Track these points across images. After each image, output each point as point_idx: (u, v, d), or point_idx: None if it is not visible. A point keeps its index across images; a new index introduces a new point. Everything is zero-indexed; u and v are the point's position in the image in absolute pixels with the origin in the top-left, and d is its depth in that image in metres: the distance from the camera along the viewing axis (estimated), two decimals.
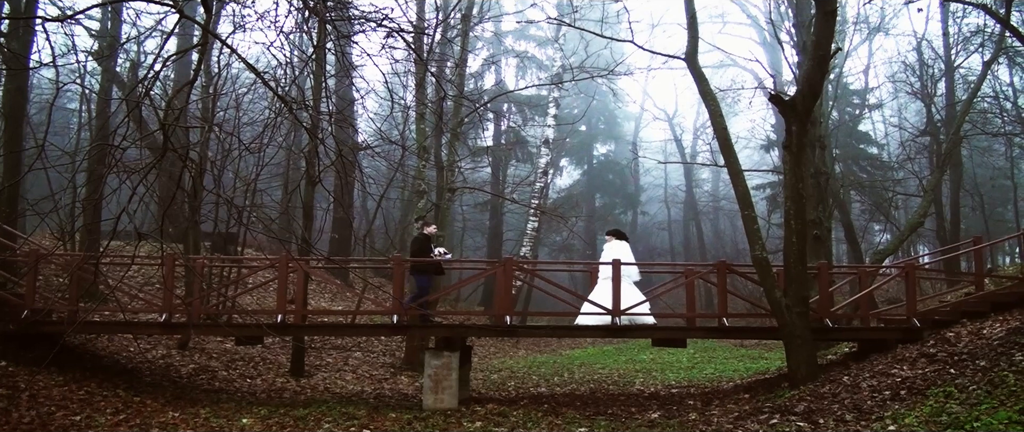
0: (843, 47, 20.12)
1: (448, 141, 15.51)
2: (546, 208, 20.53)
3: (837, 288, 12.06)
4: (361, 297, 14.51)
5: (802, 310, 8.81)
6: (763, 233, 10.36)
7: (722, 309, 10.04)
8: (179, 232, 14.29)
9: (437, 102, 13.52)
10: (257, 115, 14.67)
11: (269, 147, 13.18)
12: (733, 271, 11.00)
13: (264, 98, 15.10)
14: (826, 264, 10.60)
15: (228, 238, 15.50)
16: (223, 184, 13.35)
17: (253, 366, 11.93)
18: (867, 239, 25.65)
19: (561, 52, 20.07)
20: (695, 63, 10.75)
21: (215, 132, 12.47)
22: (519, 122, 28.03)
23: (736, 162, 10.04)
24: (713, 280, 10.48)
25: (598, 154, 37.01)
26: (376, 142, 14.56)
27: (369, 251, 19.95)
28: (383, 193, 15.65)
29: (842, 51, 19.98)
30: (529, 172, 24.56)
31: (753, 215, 9.74)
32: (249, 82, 14.57)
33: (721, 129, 10.22)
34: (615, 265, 9.98)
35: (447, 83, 13.69)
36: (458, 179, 15.56)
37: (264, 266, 12.94)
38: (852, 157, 25.87)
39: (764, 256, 9.37)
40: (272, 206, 16.88)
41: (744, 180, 10.02)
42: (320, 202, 20.87)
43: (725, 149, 10.14)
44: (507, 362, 15.73)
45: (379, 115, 15.09)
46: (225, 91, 13.85)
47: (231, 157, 13.35)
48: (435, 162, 15.66)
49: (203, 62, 10.72)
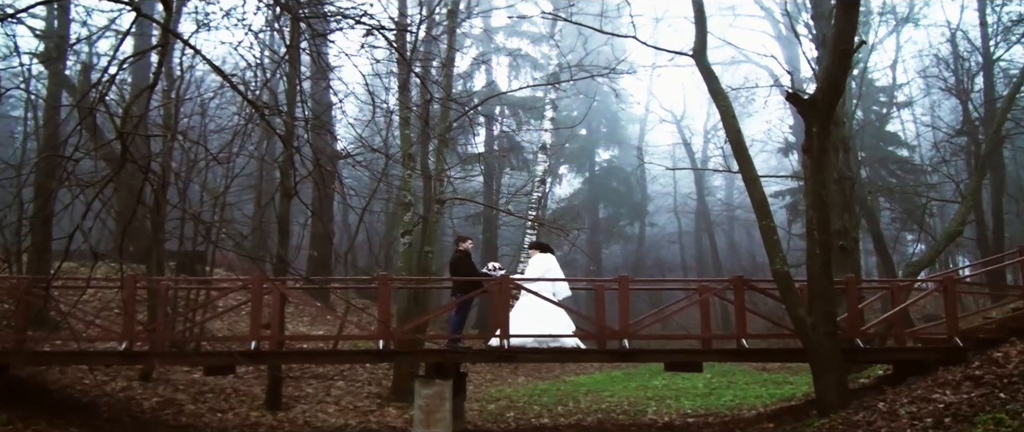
0: (867, 40, 20.25)
1: (435, 148, 15.50)
2: (545, 220, 20.50)
3: (867, 304, 12.03)
4: (343, 320, 14.42)
5: (829, 329, 8.79)
6: (783, 245, 10.36)
7: (740, 329, 10.01)
8: (140, 251, 14.23)
9: (423, 105, 13.51)
10: (225, 122, 14.65)
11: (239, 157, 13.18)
12: (752, 287, 10.97)
13: (232, 103, 15.08)
14: (854, 278, 10.59)
15: (195, 257, 15.42)
16: (189, 198, 13.32)
17: (224, 399, 11.82)
18: (899, 250, 25.71)
19: (557, 49, 20.13)
20: (704, 60, 10.78)
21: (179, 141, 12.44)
22: (513, 126, 28.05)
23: (751, 167, 10.04)
24: (730, 297, 10.45)
25: (600, 160, 37.06)
26: (357, 150, 14.53)
27: (351, 269, 19.86)
28: (365, 206, 15.58)
29: (866, 44, 20.10)
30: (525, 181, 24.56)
31: (772, 225, 9.74)
32: (216, 86, 14.56)
33: (734, 131, 10.23)
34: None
35: (433, 85, 13.70)
36: (447, 189, 15.53)
37: (235, 288, 12.86)
38: (880, 160, 25.96)
39: (785, 270, 9.35)
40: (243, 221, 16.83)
41: (761, 187, 10.02)
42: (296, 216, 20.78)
43: (739, 153, 10.14)
44: (505, 390, 15.64)
45: (360, 121, 15.10)
46: (189, 96, 13.84)
47: (197, 168, 13.33)
48: (421, 171, 15.63)
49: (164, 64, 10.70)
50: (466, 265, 10.77)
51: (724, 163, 18.87)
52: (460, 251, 11.05)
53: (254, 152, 15.25)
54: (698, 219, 36.61)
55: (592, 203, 34.82)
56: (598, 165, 36.54)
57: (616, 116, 36.60)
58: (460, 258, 10.92)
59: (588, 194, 35.10)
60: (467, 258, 10.88)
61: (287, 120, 8.38)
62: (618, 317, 10.22)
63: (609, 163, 36.78)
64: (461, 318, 10.56)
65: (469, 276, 10.52)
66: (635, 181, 34.92)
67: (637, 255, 36.02)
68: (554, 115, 20.70)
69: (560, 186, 36.19)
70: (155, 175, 11.16)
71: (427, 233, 14.71)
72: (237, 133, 9.95)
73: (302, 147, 7.38)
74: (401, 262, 14.44)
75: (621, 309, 10.12)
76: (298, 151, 7.07)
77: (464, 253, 10.96)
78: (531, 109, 24.74)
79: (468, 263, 10.81)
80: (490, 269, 10.92)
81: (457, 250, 11.24)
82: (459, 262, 10.86)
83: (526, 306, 10.26)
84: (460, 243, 11.25)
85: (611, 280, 11.61)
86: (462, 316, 10.59)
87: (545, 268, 10.66)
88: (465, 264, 10.78)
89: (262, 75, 12.02)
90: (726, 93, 10.79)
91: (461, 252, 11.01)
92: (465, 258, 10.87)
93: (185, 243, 14.66)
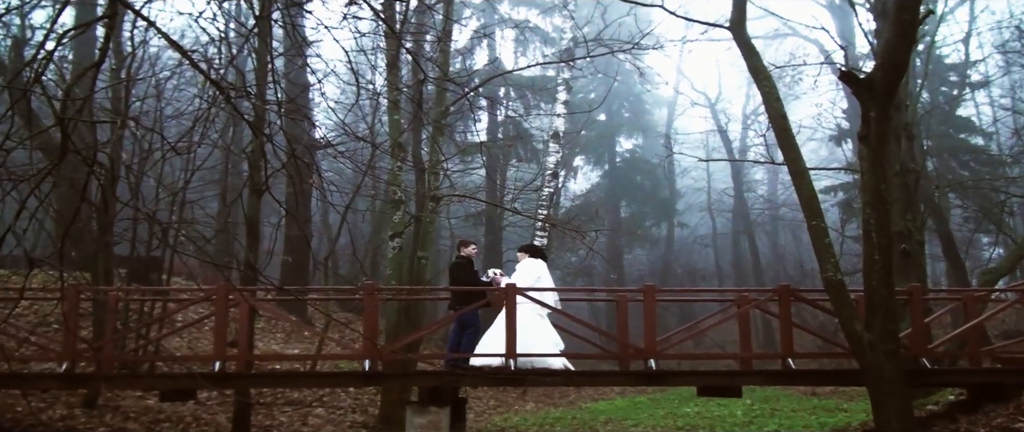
0: (936, 9, 20.14)
1: (430, 136, 15.49)
2: (557, 220, 20.47)
3: (935, 318, 11.98)
4: (323, 337, 14.42)
5: (890, 347, 8.74)
6: (836, 249, 10.30)
7: (786, 347, 9.98)
8: (85, 257, 14.24)
9: (415, 86, 13.49)
10: (184, 106, 14.66)
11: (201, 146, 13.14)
12: (799, 298, 10.93)
13: (193, 84, 15.10)
14: (920, 288, 10.55)
15: (149, 264, 15.44)
16: (142, 195, 13.31)
17: (183, 429, 11.85)
18: (973, 255, 25.57)
19: (572, 21, 20.08)
20: (743, 33, 10.74)
21: (130, 128, 12.45)
22: (520, 111, 28.04)
23: (799, 158, 10.00)
24: (773, 310, 10.41)
25: (622, 150, 37.05)
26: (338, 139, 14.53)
27: (332, 278, 19.89)
28: (348, 203, 15.61)
29: (934, 14, 19.98)
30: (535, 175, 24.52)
31: (823, 226, 9.70)
32: (173, 63, 14.57)
33: (778, 116, 10.20)
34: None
35: (427, 62, 13.68)
36: (444, 185, 15.53)
37: (197, 299, 12.88)
38: (950, 150, 25.84)
39: (838, 278, 9.31)
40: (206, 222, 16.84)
41: (810, 181, 9.98)
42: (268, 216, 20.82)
43: (784, 142, 10.10)
44: (512, 419, 15.64)
45: (342, 104, 15.08)
46: (142, 75, 13.85)
47: (152, 160, 13.32)
48: (414, 163, 15.62)
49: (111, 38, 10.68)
50: (467, 273, 10.78)
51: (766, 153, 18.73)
52: (461, 257, 11.07)
53: (218, 141, 15.26)
54: (736, 219, 36.56)
55: (612, 200, 34.81)
56: (619, 156, 36.54)
57: (640, 99, 36.59)
58: (460, 265, 10.93)
59: (608, 190, 35.10)
60: (469, 266, 10.90)
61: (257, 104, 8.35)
62: (643, 333, 10.19)
63: (632, 154, 36.77)
64: (471, 336, 10.47)
65: (470, 286, 10.49)
66: (662, 174, 34.91)
67: (665, 261, 36.00)
68: (568, 98, 20.64)
69: (575, 180, 36.23)
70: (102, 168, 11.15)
71: (420, 235, 14.70)
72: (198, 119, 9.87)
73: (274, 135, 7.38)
74: (390, 269, 14.43)
75: (646, 324, 10.10)
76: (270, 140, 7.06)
77: (465, 260, 10.98)
78: (541, 91, 24.74)
79: (469, 271, 10.82)
80: (491, 276, 10.90)
81: (458, 256, 11.25)
82: (459, 270, 10.87)
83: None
84: (462, 248, 11.27)
85: (635, 290, 11.60)
86: (462, 333, 10.53)
87: (536, 276, 10.63)
88: (466, 272, 10.79)
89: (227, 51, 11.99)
90: (769, 72, 10.72)
91: (462, 258, 11.02)
92: (466, 266, 10.89)
93: (137, 247, 14.68)
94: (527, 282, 10.41)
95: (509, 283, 10.31)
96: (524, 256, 11.11)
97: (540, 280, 10.60)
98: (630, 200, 35.63)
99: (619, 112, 36.37)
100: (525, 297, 10.09)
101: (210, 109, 9.28)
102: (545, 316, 10.56)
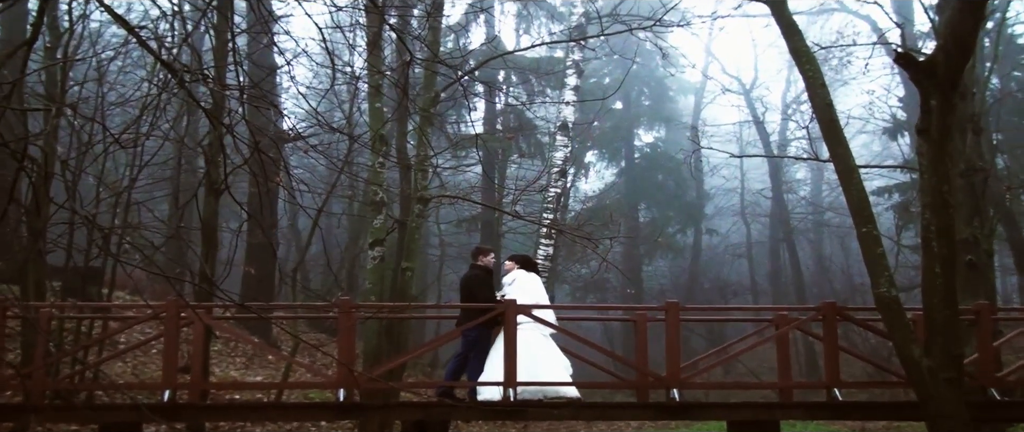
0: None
1: (417, 128, 15.48)
2: (565, 226, 20.45)
3: (1006, 342, 11.96)
4: (291, 362, 14.42)
5: (953, 375, 8.74)
6: (891, 260, 10.29)
7: (832, 375, 9.98)
8: (12, 267, 14.23)
9: (400, 69, 13.50)
10: (131, 91, 14.67)
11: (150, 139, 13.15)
12: (847, 317, 10.92)
13: (141, 65, 15.10)
14: (989, 306, 10.55)
15: (89, 276, 15.41)
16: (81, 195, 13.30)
17: None
18: None
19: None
20: (783, 7, 10.76)
21: (67, 117, 12.44)
22: (523, 98, 28.04)
23: (848, 155, 10.02)
24: (817, 332, 10.39)
25: (642, 145, 37.01)
26: (310, 130, 14.53)
27: (302, 293, 19.87)
28: (321, 206, 15.60)
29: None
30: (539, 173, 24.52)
31: (875, 233, 9.71)
32: (118, 42, 14.57)
33: (823, 106, 10.22)
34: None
35: (414, 41, 13.68)
36: (433, 184, 15.53)
37: (143, 318, 12.86)
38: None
39: (893, 294, 9.31)
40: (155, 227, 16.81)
41: (860, 181, 10.00)
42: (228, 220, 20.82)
43: (830, 136, 10.12)
44: None
45: (314, 90, 15.09)
46: (82, 55, 13.84)
47: (93, 154, 13.32)
48: (398, 159, 15.62)
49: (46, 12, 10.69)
50: (485, 288, 10.70)
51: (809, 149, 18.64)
52: (478, 267, 11.01)
53: (170, 132, 15.25)
54: (774, 225, 36.50)
55: (630, 203, 34.77)
56: (638, 151, 36.49)
57: (663, 84, 36.58)
58: (477, 278, 10.85)
59: (625, 190, 35.06)
60: (488, 278, 10.81)
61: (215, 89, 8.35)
62: (665, 358, 10.17)
63: (653, 148, 36.74)
64: (478, 361, 10.40)
65: (485, 302, 10.41)
66: (688, 173, 34.78)
67: (691, 274, 35.95)
68: (579, 83, 20.65)
69: (586, 180, 36.22)
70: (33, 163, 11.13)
71: (405, 244, 14.69)
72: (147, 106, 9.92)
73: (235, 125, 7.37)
74: (369, 283, 14.42)
75: (669, 348, 10.10)
76: (230, 131, 7.04)
77: (483, 271, 10.90)
78: (547, 75, 24.71)
79: (488, 285, 10.73)
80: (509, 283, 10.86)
81: (473, 265, 11.19)
82: (475, 284, 10.78)
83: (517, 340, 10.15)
84: (479, 257, 11.18)
85: (656, 308, 11.56)
86: (467, 357, 10.45)
87: (537, 294, 10.64)
88: (484, 286, 10.71)
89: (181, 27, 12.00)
90: (813, 53, 10.74)
91: (479, 269, 10.95)
92: (485, 278, 10.80)
93: (74, 256, 14.65)
94: (526, 298, 10.39)
95: (508, 300, 10.30)
96: (514, 267, 11.08)
97: (539, 298, 10.58)
98: (650, 202, 35.59)
99: (638, 100, 36.33)
100: (529, 316, 10.09)
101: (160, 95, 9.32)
102: (549, 336, 10.57)
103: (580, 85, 20.85)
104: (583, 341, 11.23)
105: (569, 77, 20.55)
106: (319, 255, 22.54)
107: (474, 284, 10.75)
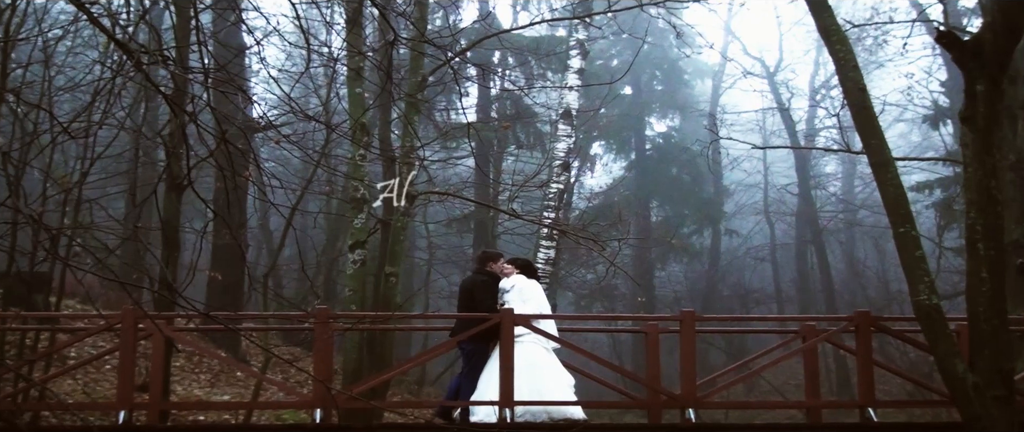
0: None
1: (402, 116, 15.50)
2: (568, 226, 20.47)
3: None
4: (261, 380, 14.42)
5: (1002, 393, 8.75)
6: (931, 264, 10.31)
7: (865, 393, 9.99)
8: None
9: (383, 50, 13.51)
10: (81, 75, 14.65)
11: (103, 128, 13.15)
12: (882, 328, 10.94)
13: (94, 46, 15.08)
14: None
15: (35, 282, 15.41)
16: (25, 191, 13.31)
17: None
18: None
19: None
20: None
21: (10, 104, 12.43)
22: (521, 83, 28.02)
23: (883, 146, 10.03)
24: (849, 344, 10.40)
25: (653, 135, 37.00)
26: (283, 118, 14.55)
27: (274, 301, 19.89)
28: (296, 203, 15.60)
29: None
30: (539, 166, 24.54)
31: (913, 234, 9.72)
32: (67, 19, 14.55)
33: (856, 91, 10.23)
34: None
35: (399, 19, 13.69)
36: (420, 180, 15.54)
37: (96, 329, 12.85)
38: None
39: (934, 302, 9.33)
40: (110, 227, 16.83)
41: (897, 175, 10.02)
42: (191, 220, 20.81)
43: (863, 124, 10.14)
44: None
45: (287, 74, 15.08)
46: (25, 34, 13.83)
47: (39, 145, 13.31)
48: (381, 151, 15.62)
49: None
50: (490, 296, 10.63)
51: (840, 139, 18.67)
52: (484, 273, 10.99)
53: (126, 121, 15.22)
54: (801, 225, 36.54)
55: (640, 200, 34.76)
56: (650, 142, 36.48)
57: (677, 67, 36.53)
58: (482, 283, 10.82)
59: (635, 186, 35.04)
60: (494, 286, 10.73)
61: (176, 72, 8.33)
62: (679, 375, 10.19)
63: (666, 139, 36.72)
64: (471, 377, 10.37)
65: (488, 312, 10.37)
66: (705, 166, 34.79)
67: (708, 279, 35.97)
68: (583, 66, 20.66)
69: (592, 174, 36.18)
70: None
71: (389, 246, 14.69)
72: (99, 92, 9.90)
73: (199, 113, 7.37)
74: (349, 290, 14.44)
75: (683, 363, 10.13)
76: (193, 119, 7.05)
77: (490, 278, 10.84)
78: (548, 57, 24.69)
79: (493, 293, 10.65)
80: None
81: (478, 270, 11.18)
82: (480, 291, 10.74)
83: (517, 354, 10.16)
84: (489, 263, 11.12)
85: (669, 318, 11.59)
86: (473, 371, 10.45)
87: (539, 303, 10.66)
88: (488, 294, 10.65)
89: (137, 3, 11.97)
90: (844, 33, 10.76)
91: (484, 275, 10.93)
92: (490, 285, 10.74)
93: (18, 260, 14.65)
94: (528, 307, 10.40)
95: (507, 309, 10.30)
96: (514, 271, 11.00)
97: (542, 307, 10.59)
98: (663, 200, 35.58)
99: (649, 85, 36.32)
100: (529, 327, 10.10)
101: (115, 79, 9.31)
102: (551, 350, 10.61)
103: (585, 68, 20.85)
104: (588, 355, 11.24)
105: (572, 59, 20.55)
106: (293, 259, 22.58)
107: (477, 290, 10.70)
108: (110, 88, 9.48)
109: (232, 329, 16.38)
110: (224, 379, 18.61)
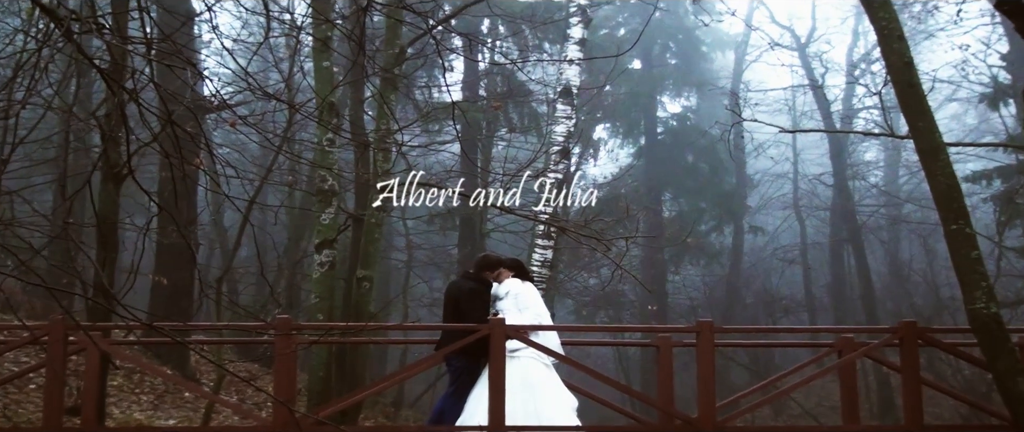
0: None
1: (376, 94, 15.51)
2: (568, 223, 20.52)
3: None
4: (214, 400, 14.43)
5: None
6: (989, 267, 10.33)
7: (912, 416, 10.01)
8: None
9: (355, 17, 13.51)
10: (1, 45, 14.64)
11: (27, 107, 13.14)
12: (932, 342, 10.97)
13: (15, 12, 15.08)
14: None
15: None
16: None
17: None
18: None
19: None
20: None
21: None
22: (514, 55, 28.05)
23: (933, 130, 10.05)
24: (893, 359, 10.43)
25: (666, 116, 37.04)
26: (238, 97, 14.53)
27: (228, 310, 19.89)
28: (253, 196, 15.62)
29: None
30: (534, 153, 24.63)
31: (969, 232, 9.74)
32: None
33: (901, 65, 10.24)
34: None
35: None
36: (397, 168, 15.55)
37: (19, 342, 12.84)
38: None
39: (993, 311, 9.35)
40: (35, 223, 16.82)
41: (949, 164, 10.03)
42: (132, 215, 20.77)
43: (910, 105, 10.15)
44: None
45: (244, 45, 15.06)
46: None
47: None
48: (352, 136, 15.62)
49: None
50: (479, 306, 10.68)
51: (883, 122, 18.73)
52: (472, 279, 11.04)
53: (54, 99, 15.23)
54: (837, 220, 36.57)
55: (651, 192, 34.82)
56: (662, 124, 36.55)
57: (694, 38, 36.63)
58: (472, 290, 10.87)
59: (644, 175, 35.08)
60: (486, 294, 10.81)
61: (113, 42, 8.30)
62: (696, 393, 10.20)
63: (681, 121, 36.77)
64: (458, 397, 10.40)
65: (478, 323, 10.38)
66: (727, 152, 34.82)
67: (729, 284, 36.01)
68: (586, 36, 20.68)
69: (595, 162, 36.18)
70: None
71: (362, 245, 14.71)
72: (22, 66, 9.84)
73: (141, 91, 7.36)
74: (316, 297, 14.44)
75: (701, 381, 10.16)
76: (134, 97, 7.04)
77: (483, 286, 10.90)
78: (545, 25, 24.72)
79: (484, 302, 10.73)
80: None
81: (469, 275, 11.23)
82: (466, 297, 10.80)
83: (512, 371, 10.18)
84: (485, 270, 11.12)
85: (685, 329, 11.61)
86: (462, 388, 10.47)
87: (538, 311, 10.68)
88: (477, 303, 10.70)
89: None
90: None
91: (478, 283, 10.96)
92: (481, 292, 10.81)
93: None
94: (525, 316, 10.41)
95: (498, 319, 10.30)
96: (508, 275, 11.06)
97: (541, 316, 10.60)
98: (678, 191, 35.65)
99: (662, 58, 36.35)
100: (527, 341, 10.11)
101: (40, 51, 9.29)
102: (551, 366, 10.61)
103: (587, 38, 20.87)
104: (592, 373, 11.26)
105: (573, 28, 20.56)
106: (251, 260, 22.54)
107: (463, 300, 10.75)
108: (35, 61, 9.46)
109: (180, 342, 16.37)
110: (170, 400, 18.61)
